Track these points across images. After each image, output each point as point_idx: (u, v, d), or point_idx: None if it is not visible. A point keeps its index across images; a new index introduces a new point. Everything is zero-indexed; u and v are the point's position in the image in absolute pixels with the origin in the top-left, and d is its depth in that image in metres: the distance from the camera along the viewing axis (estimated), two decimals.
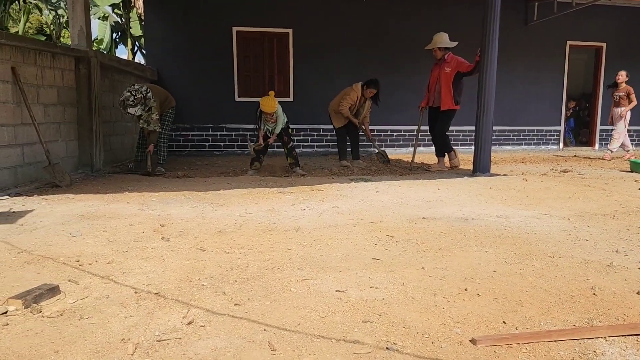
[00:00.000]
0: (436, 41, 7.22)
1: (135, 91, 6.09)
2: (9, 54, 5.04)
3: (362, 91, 7.53)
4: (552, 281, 2.51)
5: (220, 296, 2.27)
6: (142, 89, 6.15)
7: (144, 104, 6.14)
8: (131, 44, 18.97)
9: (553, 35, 11.13)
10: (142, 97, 6.10)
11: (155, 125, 6.44)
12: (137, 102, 6.07)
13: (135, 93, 6.07)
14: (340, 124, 7.68)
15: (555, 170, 7.36)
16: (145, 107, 6.19)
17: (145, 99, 6.13)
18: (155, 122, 6.43)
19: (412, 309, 2.16)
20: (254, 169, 6.78)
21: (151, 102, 6.23)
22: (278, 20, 9.87)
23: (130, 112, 6.13)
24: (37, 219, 3.72)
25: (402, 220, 3.84)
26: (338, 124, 7.69)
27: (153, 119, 6.39)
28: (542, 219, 3.93)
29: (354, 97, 7.49)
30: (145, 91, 6.17)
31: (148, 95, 6.17)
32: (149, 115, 6.36)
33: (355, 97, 7.50)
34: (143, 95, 6.11)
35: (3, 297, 2.20)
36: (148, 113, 6.32)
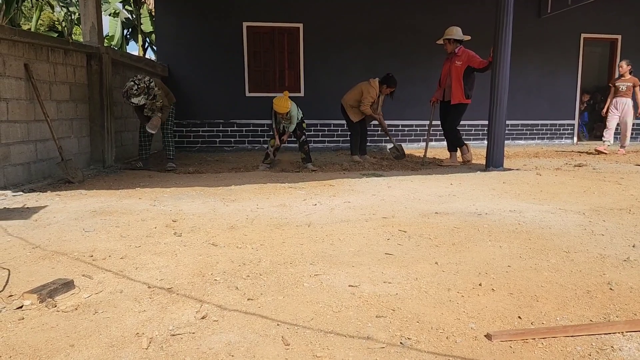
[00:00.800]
0: (446, 34, 7.17)
1: (139, 80, 6.13)
2: (21, 50, 5.08)
3: (380, 87, 7.54)
4: (567, 276, 2.48)
5: (233, 291, 2.27)
6: (144, 79, 6.18)
7: (147, 93, 6.17)
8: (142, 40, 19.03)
9: (567, 28, 10.98)
10: (145, 87, 6.13)
11: (158, 111, 6.46)
12: (141, 91, 6.10)
13: (139, 82, 6.11)
14: (358, 118, 7.67)
15: (569, 164, 7.28)
16: (149, 97, 6.21)
17: (148, 88, 6.16)
18: (159, 109, 6.45)
19: (426, 304, 2.14)
20: (265, 164, 6.77)
21: (155, 90, 6.26)
22: (288, 15, 9.84)
23: (134, 101, 6.16)
24: (50, 215, 3.74)
25: (414, 215, 3.81)
26: (356, 118, 7.67)
27: (157, 106, 6.43)
28: (557, 213, 3.89)
29: (373, 95, 7.50)
30: (148, 81, 6.20)
31: (151, 85, 6.20)
32: (153, 104, 6.39)
33: (374, 94, 7.51)
34: (146, 85, 6.13)
35: (19, 292, 2.22)
36: (152, 101, 6.35)
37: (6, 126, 4.82)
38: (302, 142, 6.84)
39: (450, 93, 7.19)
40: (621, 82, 8.99)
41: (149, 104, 6.34)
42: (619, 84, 9.02)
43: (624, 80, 8.97)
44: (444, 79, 7.33)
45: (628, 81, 8.92)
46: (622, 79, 9.01)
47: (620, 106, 9.03)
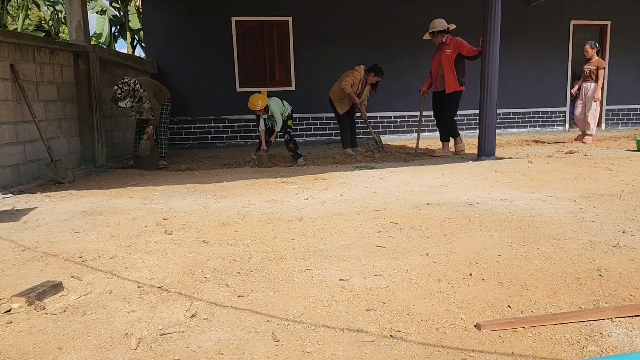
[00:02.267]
0: (431, 28, 7.17)
1: (122, 84, 6.09)
2: (7, 51, 5.02)
3: (366, 75, 7.51)
4: (557, 264, 2.49)
5: (223, 288, 2.26)
6: (129, 82, 6.13)
7: (132, 96, 6.13)
8: (130, 37, 18.90)
9: (556, 15, 10.97)
10: (130, 89, 6.08)
11: (148, 113, 6.42)
12: (125, 94, 6.06)
13: (122, 86, 6.06)
14: (344, 109, 7.63)
15: (560, 151, 7.30)
16: (134, 99, 6.17)
17: (133, 91, 6.11)
18: (148, 111, 6.40)
19: (416, 295, 2.14)
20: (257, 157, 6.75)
21: (140, 92, 6.21)
22: (277, 8, 9.78)
23: (121, 105, 6.13)
24: (40, 216, 3.72)
25: (406, 207, 3.81)
26: (342, 109, 7.64)
27: (145, 108, 6.38)
28: (548, 201, 3.89)
29: (356, 77, 7.46)
30: (133, 83, 6.15)
31: (136, 87, 6.15)
32: (140, 106, 6.35)
33: (358, 78, 7.47)
34: (131, 87, 6.09)
35: (7, 295, 2.20)
36: (139, 103, 6.31)
37: None
38: (286, 140, 6.82)
39: (444, 82, 7.18)
40: (587, 66, 8.63)
41: (136, 106, 6.31)
42: (585, 67, 8.68)
43: (589, 64, 8.60)
44: (435, 69, 7.32)
45: (592, 64, 8.54)
46: (589, 63, 8.64)
47: (583, 92, 8.68)
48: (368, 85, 7.68)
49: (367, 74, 7.56)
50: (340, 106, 7.63)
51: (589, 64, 8.55)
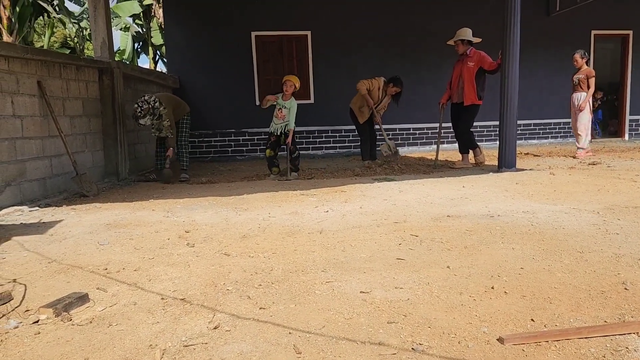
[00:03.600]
0: (459, 34, 7.16)
1: (142, 102, 6.22)
2: (34, 68, 5.17)
3: (385, 86, 7.56)
4: (581, 277, 2.45)
5: (245, 300, 2.29)
6: (150, 99, 6.26)
7: (152, 114, 6.25)
8: (152, 53, 19.28)
9: (577, 25, 10.89)
10: (150, 107, 6.21)
11: (167, 131, 6.53)
12: (145, 112, 6.19)
13: (142, 104, 6.20)
14: (365, 118, 7.66)
15: (583, 162, 7.20)
16: (154, 117, 6.30)
17: (153, 108, 6.24)
18: (167, 128, 6.51)
19: (437, 308, 2.14)
20: (274, 174, 6.78)
21: (160, 110, 6.33)
22: (296, 23, 9.90)
23: (141, 122, 6.28)
24: (66, 229, 3.80)
25: (426, 219, 3.80)
26: (362, 118, 7.68)
27: (165, 126, 6.49)
28: (571, 213, 3.85)
29: (373, 83, 7.52)
30: (153, 101, 6.27)
31: (155, 105, 6.27)
32: (159, 123, 6.47)
33: (376, 85, 7.52)
34: (151, 105, 6.22)
35: (35, 306, 2.26)
36: (159, 121, 6.43)
37: (21, 143, 4.91)
38: (294, 157, 6.78)
39: (463, 94, 7.17)
40: (576, 76, 8.18)
41: (156, 123, 6.43)
42: (574, 77, 8.21)
43: (579, 73, 8.14)
44: (456, 80, 7.32)
45: (581, 73, 8.07)
46: (578, 72, 8.18)
47: (575, 102, 8.17)
48: (388, 97, 7.71)
49: (386, 85, 7.60)
50: (361, 115, 7.67)
51: (578, 74, 8.15)
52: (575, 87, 8.12)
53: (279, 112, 6.70)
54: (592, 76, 7.97)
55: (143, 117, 6.20)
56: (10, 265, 2.91)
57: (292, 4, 9.84)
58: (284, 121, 6.70)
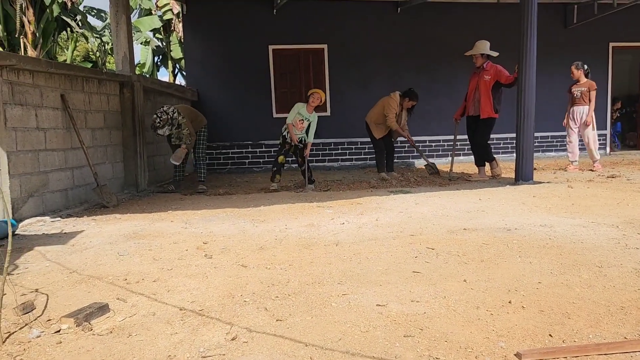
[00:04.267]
0: (479, 47, 7.15)
1: (161, 112, 6.36)
2: (58, 82, 5.30)
3: (401, 100, 7.59)
4: (600, 292, 2.43)
5: (262, 312, 2.31)
6: (168, 110, 6.39)
7: (171, 124, 6.37)
8: (172, 66, 19.58)
9: (594, 37, 10.81)
10: (169, 118, 6.33)
11: (187, 139, 6.63)
12: (164, 122, 6.31)
13: (161, 115, 6.33)
14: (381, 134, 7.71)
15: (602, 175, 7.12)
16: (173, 126, 6.41)
17: (171, 119, 6.36)
18: (187, 136, 6.61)
19: (454, 322, 2.13)
20: (276, 182, 6.79)
21: (179, 119, 6.44)
22: (313, 37, 10.00)
23: (160, 133, 6.41)
24: (86, 240, 3.87)
25: (442, 232, 3.79)
26: (379, 134, 7.71)
27: (185, 134, 6.60)
28: (589, 227, 3.81)
29: (395, 107, 7.55)
30: (172, 111, 6.39)
31: (174, 115, 6.39)
32: (179, 132, 6.58)
33: (396, 106, 7.55)
34: (169, 116, 6.34)
35: (56, 316, 2.30)
36: (178, 130, 6.53)
37: (44, 155, 5.02)
38: (303, 170, 6.90)
39: (480, 107, 7.16)
40: (576, 88, 7.91)
41: (175, 133, 6.54)
42: (574, 89, 7.93)
43: (578, 86, 7.89)
44: (471, 93, 7.31)
45: (582, 86, 7.81)
46: (577, 85, 7.93)
47: (577, 116, 7.96)
48: (405, 111, 7.74)
49: (402, 99, 7.63)
50: (377, 131, 7.70)
51: (578, 86, 7.90)
52: (576, 100, 7.89)
53: (299, 122, 6.75)
54: (594, 89, 7.78)
55: (162, 128, 6.32)
56: (33, 275, 2.97)
57: (309, 18, 9.95)
58: (302, 133, 6.75)
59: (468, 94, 7.42)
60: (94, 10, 17.82)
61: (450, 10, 10.27)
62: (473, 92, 7.28)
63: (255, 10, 9.80)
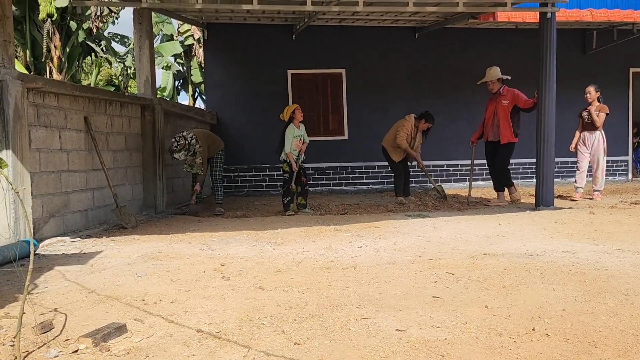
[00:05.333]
0: (491, 74, 7.16)
1: (180, 137, 6.49)
2: (82, 104, 5.42)
3: (416, 122, 7.58)
4: (628, 320, 2.36)
5: (279, 335, 2.28)
6: (187, 136, 6.51)
7: (187, 150, 6.48)
8: (192, 90, 19.92)
9: (614, 63, 10.73)
10: (186, 143, 6.44)
11: (197, 168, 6.77)
12: (181, 147, 6.43)
13: (179, 139, 6.45)
14: (399, 158, 7.70)
15: (624, 202, 6.99)
16: (189, 152, 6.52)
17: (189, 145, 6.47)
18: (198, 165, 6.75)
19: (476, 349, 2.08)
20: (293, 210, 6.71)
21: (196, 147, 6.54)
22: (331, 61, 10.09)
23: (176, 157, 6.54)
24: (105, 260, 3.89)
25: (462, 257, 3.74)
26: (397, 158, 7.70)
27: (197, 163, 6.73)
28: (613, 254, 3.72)
29: (408, 128, 7.55)
30: (191, 138, 6.50)
31: (192, 142, 6.49)
32: (193, 160, 6.70)
33: (409, 128, 7.55)
34: (187, 142, 6.45)
35: (74, 336, 2.30)
36: (192, 157, 6.64)
37: (66, 176, 5.10)
38: (306, 190, 6.98)
39: (499, 133, 7.11)
40: (587, 113, 7.45)
41: (189, 160, 6.63)
42: (585, 113, 7.47)
43: (590, 109, 7.42)
44: (490, 118, 7.26)
45: (597, 109, 7.34)
46: (586, 108, 7.49)
47: (588, 141, 7.42)
48: (420, 133, 7.72)
49: (417, 121, 7.62)
50: (395, 154, 7.69)
51: (589, 109, 7.39)
52: (587, 124, 7.41)
53: (299, 142, 6.79)
54: (604, 112, 7.33)
55: (178, 152, 6.43)
56: (52, 294, 2.99)
57: (327, 43, 10.06)
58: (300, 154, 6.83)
59: (486, 119, 7.37)
60: (118, 36, 18.30)
61: (469, 35, 10.31)
62: (491, 117, 7.23)
63: (275, 36, 9.95)
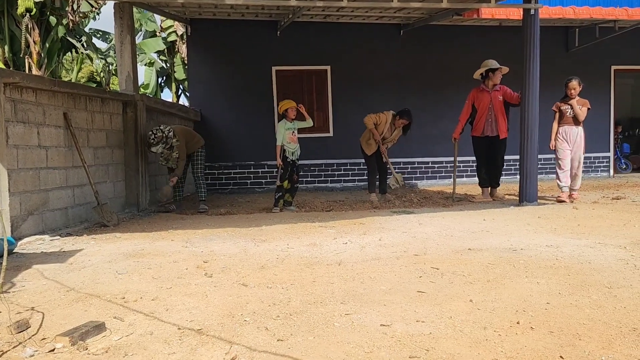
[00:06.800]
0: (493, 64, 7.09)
1: (157, 130, 6.38)
2: (61, 100, 5.31)
3: (393, 119, 7.45)
4: (611, 313, 2.36)
5: (262, 332, 2.24)
6: (165, 129, 6.41)
7: (165, 143, 6.38)
8: (175, 87, 19.72)
9: (596, 61, 10.85)
10: (164, 136, 6.33)
11: (173, 163, 6.67)
12: (158, 140, 6.32)
13: (156, 132, 6.35)
14: (371, 151, 7.55)
15: (606, 197, 7.06)
16: (166, 146, 6.42)
17: (166, 138, 6.36)
18: (174, 160, 6.65)
19: (461, 343, 2.07)
20: (281, 207, 6.71)
21: (173, 141, 6.45)
22: (316, 58, 10.04)
23: (153, 150, 6.42)
24: (85, 258, 3.81)
25: (447, 252, 3.73)
26: (369, 151, 7.59)
27: (173, 157, 6.63)
28: (596, 247, 3.74)
29: (382, 118, 7.42)
30: (168, 131, 6.41)
31: (169, 135, 6.39)
32: (169, 154, 6.60)
33: (383, 119, 7.42)
34: (165, 135, 6.34)
35: (51, 335, 2.24)
36: (169, 151, 6.54)
37: (45, 173, 4.99)
38: (295, 187, 6.92)
39: (498, 127, 7.10)
40: (567, 106, 6.79)
41: (166, 153, 6.53)
42: (565, 107, 6.79)
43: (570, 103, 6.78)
44: (484, 112, 7.12)
45: (580, 103, 6.76)
46: (567, 101, 6.81)
47: (570, 137, 6.75)
48: (398, 130, 7.58)
49: (394, 117, 7.49)
50: (367, 147, 7.57)
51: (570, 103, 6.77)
52: (567, 118, 6.76)
53: (292, 135, 6.74)
54: (586, 107, 6.78)
55: (155, 145, 6.33)
56: (30, 293, 2.91)
57: (312, 40, 10.01)
58: (296, 145, 6.77)
59: (479, 114, 7.20)
60: (100, 32, 18.03)
61: (453, 33, 10.33)
62: (486, 112, 7.13)
63: (259, 32, 9.87)
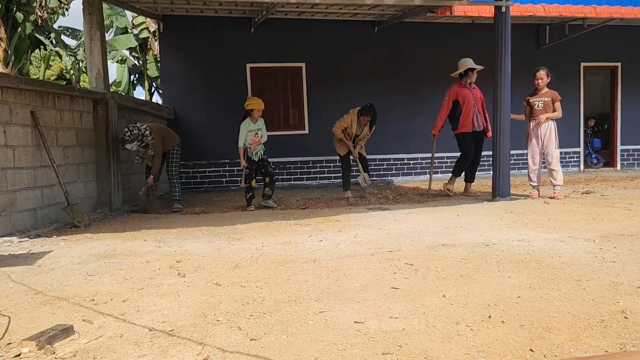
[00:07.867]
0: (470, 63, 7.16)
1: (133, 127, 6.29)
2: (28, 98, 5.17)
3: (359, 116, 7.41)
4: (580, 305, 2.41)
5: (235, 331, 2.22)
6: (141, 127, 6.32)
7: (140, 141, 6.29)
8: (148, 84, 19.44)
9: (566, 58, 11.06)
10: (139, 134, 6.24)
11: (149, 160, 6.59)
12: (134, 137, 6.23)
13: (132, 129, 6.26)
14: (343, 151, 7.57)
15: (577, 192, 7.21)
16: (141, 144, 6.33)
17: (142, 136, 6.27)
18: (150, 157, 6.56)
19: (434, 338, 2.08)
20: (255, 205, 6.68)
21: (149, 139, 6.35)
22: (291, 55, 10.01)
23: (127, 147, 6.31)
24: (54, 260, 3.72)
25: (421, 248, 3.76)
26: (341, 151, 7.60)
27: (148, 155, 6.54)
28: (566, 241, 3.82)
29: (347, 120, 7.38)
30: (144, 129, 6.31)
31: (145, 133, 6.30)
32: (145, 152, 6.52)
33: (349, 120, 7.38)
34: (141, 132, 6.25)
35: (17, 339, 2.18)
36: (144, 149, 6.46)
37: (12, 173, 4.86)
38: (274, 180, 6.86)
39: (486, 123, 7.22)
40: (537, 98, 6.53)
41: (141, 152, 6.43)
42: (535, 100, 6.55)
43: (540, 96, 6.53)
44: (469, 108, 7.12)
45: (545, 96, 6.49)
46: (537, 95, 6.56)
47: (541, 132, 6.51)
48: (364, 126, 7.52)
49: (358, 116, 7.42)
50: (339, 148, 7.59)
51: (539, 96, 6.53)
52: (537, 112, 6.50)
53: (255, 137, 6.71)
54: (558, 99, 6.53)
55: (130, 142, 6.23)
56: None
57: (287, 37, 9.96)
58: (259, 147, 6.74)
59: (465, 109, 7.13)
60: (69, 29, 17.62)
61: (427, 30, 10.41)
62: (471, 107, 7.14)
63: (233, 29, 9.78)
